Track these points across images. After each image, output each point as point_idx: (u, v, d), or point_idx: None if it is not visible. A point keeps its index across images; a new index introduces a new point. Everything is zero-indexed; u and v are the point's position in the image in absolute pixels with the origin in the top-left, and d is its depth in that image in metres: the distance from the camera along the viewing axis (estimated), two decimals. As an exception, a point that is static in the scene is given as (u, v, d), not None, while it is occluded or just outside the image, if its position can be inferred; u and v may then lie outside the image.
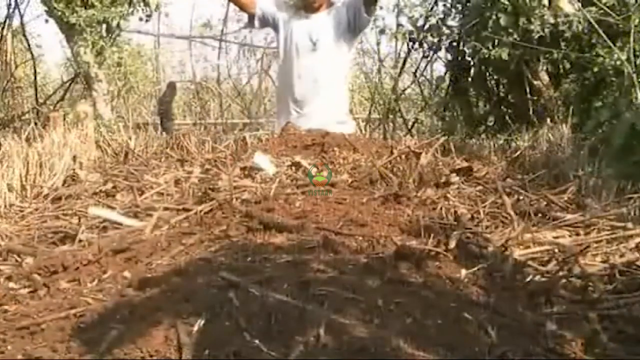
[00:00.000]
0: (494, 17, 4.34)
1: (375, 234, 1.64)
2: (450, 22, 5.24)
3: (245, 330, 1.03)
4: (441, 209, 2.00)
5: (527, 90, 4.69)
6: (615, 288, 1.47)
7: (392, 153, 2.42)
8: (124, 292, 1.33)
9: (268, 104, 8.25)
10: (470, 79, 5.26)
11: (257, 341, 1.00)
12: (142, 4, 5.86)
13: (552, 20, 4.33)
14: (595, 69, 4.17)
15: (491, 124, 5.23)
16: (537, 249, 1.69)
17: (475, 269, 1.48)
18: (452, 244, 1.60)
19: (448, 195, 2.16)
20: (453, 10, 5.23)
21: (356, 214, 1.82)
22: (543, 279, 1.51)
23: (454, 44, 5.23)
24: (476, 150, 3.54)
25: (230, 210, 1.91)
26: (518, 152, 3.14)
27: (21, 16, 6.68)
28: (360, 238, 1.62)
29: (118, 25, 5.76)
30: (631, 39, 3.59)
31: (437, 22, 5.21)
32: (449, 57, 5.37)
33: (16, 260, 1.74)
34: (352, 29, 3.33)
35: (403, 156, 2.53)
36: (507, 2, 4.30)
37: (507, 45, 4.36)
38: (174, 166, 2.60)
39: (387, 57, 6.49)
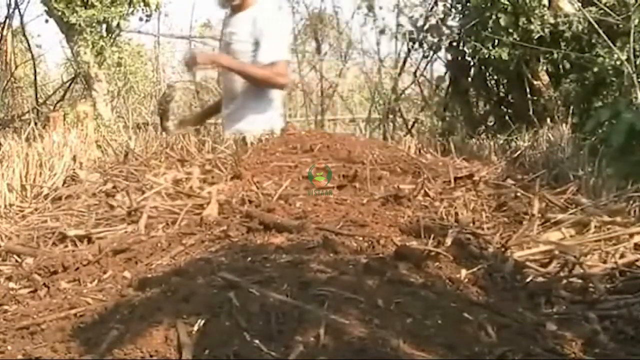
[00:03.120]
0: (494, 17, 4.35)
1: (376, 235, 1.64)
2: (450, 22, 5.25)
3: (245, 330, 1.03)
4: (441, 209, 2.00)
5: (527, 90, 4.69)
6: (615, 288, 1.47)
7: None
8: (124, 292, 1.33)
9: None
10: (470, 79, 5.27)
11: (257, 341, 1.00)
12: (142, 4, 5.87)
13: (552, 20, 4.34)
14: (595, 69, 4.18)
15: (491, 124, 5.24)
16: (537, 250, 1.69)
17: (476, 269, 1.48)
18: (448, 242, 1.60)
19: (449, 196, 2.16)
20: (453, 10, 5.23)
21: (356, 214, 1.82)
22: (543, 280, 1.51)
23: (454, 44, 5.23)
24: (476, 150, 3.54)
25: (230, 210, 1.91)
26: (518, 152, 3.14)
27: (21, 16, 6.69)
28: (361, 238, 1.62)
29: (118, 25, 5.77)
30: (631, 39, 3.59)
31: (437, 22, 5.21)
32: (449, 57, 5.37)
33: (16, 260, 1.74)
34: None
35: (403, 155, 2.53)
36: (507, 2, 4.31)
37: (507, 45, 4.36)
38: (174, 166, 2.59)
39: (387, 57, 6.49)
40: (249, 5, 3.21)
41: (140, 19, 6.21)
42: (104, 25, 5.71)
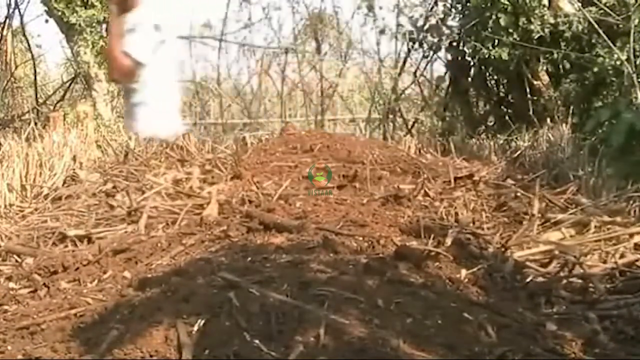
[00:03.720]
0: (494, 17, 4.35)
1: (376, 235, 1.64)
2: (450, 22, 5.24)
3: (245, 330, 1.03)
4: (441, 209, 2.00)
5: (527, 90, 4.69)
6: (615, 288, 1.47)
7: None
8: (124, 292, 1.34)
9: (268, 104, 8.25)
10: (470, 79, 5.26)
11: (257, 341, 1.00)
12: (142, 4, 5.85)
13: (552, 20, 4.33)
14: (595, 69, 4.17)
15: (491, 124, 5.23)
16: (537, 250, 1.70)
17: (476, 269, 1.48)
18: (448, 242, 1.60)
19: (449, 196, 2.16)
20: (453, 10, 5.23)
21: (356, 214, 1.82)
22: (543, 280, 1.51)
23: (454, 44, 5.23)
24: (476, 150, 3.54)
25: (230, 210, 1.91)
26: (518, 152, 3.14)
27: (21, 16, 6.69)
28: (361, 238, 1.62)
29: (118, 25, 5.75)
30: (631, 39, 3.59)
31: (437, 22, 5.21)
32: (449, 57, 5.37)
33: (16, 261, 1.74)
34: None
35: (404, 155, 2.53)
36: (507, 2, 4.30)
37: (507, 45, 4.36)
38: (174, 166, 2.59)
39: (387, 57, 6.49)
40: (133, 7, 3.32)
41: (141, 19, 6.20)
42: (104, 25, 5.70)
